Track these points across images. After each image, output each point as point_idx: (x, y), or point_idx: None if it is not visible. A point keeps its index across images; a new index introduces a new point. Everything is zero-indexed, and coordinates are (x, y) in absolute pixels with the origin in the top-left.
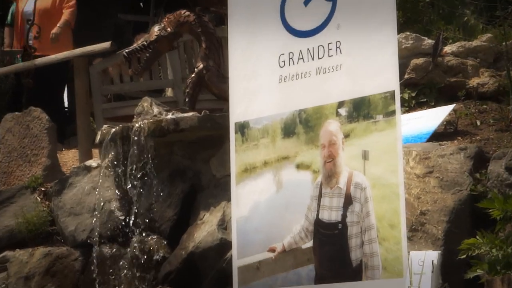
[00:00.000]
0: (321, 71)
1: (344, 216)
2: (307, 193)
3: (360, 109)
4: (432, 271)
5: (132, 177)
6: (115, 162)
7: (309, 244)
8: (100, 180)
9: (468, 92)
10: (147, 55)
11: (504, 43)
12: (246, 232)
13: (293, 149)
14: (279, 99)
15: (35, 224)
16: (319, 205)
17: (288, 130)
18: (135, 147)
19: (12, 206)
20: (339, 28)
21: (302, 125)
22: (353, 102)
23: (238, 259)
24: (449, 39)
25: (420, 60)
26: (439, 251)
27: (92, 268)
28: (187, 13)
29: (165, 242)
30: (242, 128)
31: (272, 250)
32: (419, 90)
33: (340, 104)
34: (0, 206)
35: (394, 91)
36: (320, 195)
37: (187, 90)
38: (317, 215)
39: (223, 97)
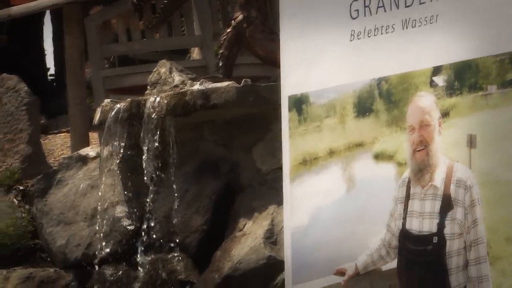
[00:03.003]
0: (409, 24)
1: (441, 225)
2: (389, 194)
3: (465, 78)
4: None
5: (145, 171)
6: (121, 151)
7: (392, 264)
8: (101, 176)
9: None
10: (165, 1)
11: None
12: (304, 248)
13: (370, 133)
14: (351, 64)
15: (11, 236)
16: (406, 210)
17: (363, 107)
18: (148, 130)
19: None
20: None
21: (383, 99)
22: (454, 68)
23: (294, 285)
24: None
25: None
26: None
27: None
28: None
29: (191, 262)
30: (299, 103)
31: (341, 273)
32: None
33: (436, 71)
34: None
35: None
36: (407, 197)
37: (221, 51)
38: (404, 224)
39: (271, 61)
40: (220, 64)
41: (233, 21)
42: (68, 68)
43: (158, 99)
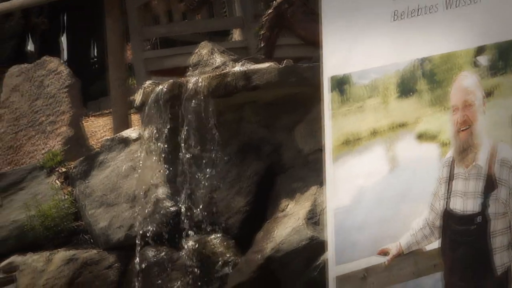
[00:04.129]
0: (453, 4)
1: (484, 205)
2: (432, 174)
3: (509, 58)
4: None
5: (186, 153)
6: (163, 133)
7: (436, 244)
8: (143, 157)
9: None
10: None
11: None
12: (347, 229)
13: (413, 113)
14: (393, 44)
15: (54, 218)
16: (449, 190)
17: (407, 87)
18: (190, 111)
19: (21, 194)
20: None
21: (426, 79)
22: (498, 48)
23: (336, 265)
24: None
25: None
26: None
27: (133, 278)
28: None
29: (233, 243)
30: (341, 84)
31: (385, 252)
32: None
33: (480, 50)
34: (4, 194)
35: None
36: (451, 177)
37: (262, 32)
38: (447, 204)
39: (313, 41)
40: (262, 45)
41: (274, 2)
42: (109, 50)
43: (199, 80)
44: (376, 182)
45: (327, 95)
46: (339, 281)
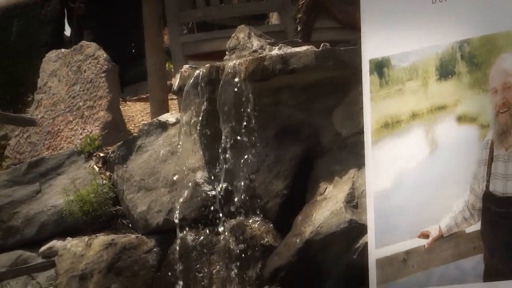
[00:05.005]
0: None
1: None
2: (472, 156)
3: None
4: None
5: (224, 137)
6: (201, 117)
7: (476, 226)
8: (181, 142)
9: None
10: None
11: None
12: (387, 212)
13: (453, 96)
14: (433, 26)
15: (92, 203)
16: (489, 173)
17: (446, 69)
18: (227, 95)
19: (60, 179)
20: None
21: (465, 61)
22: None
23: (377, 248)
24: None
25: None
26: None
27: (172, 262)
28: None
29: (272, 226)
30: (380, 67)
31: (425, 235)
32: None
33: None
34: (43, 179)
35: None
36: (491, 159)
37: (300, 15)
38: (487, 186)
39: (350, 24)
40: (299, 29)
41: None
42: (146, 35)
43: (237, 64)
44: (416, 165)
45: (366, 78)
46: (380, 264)
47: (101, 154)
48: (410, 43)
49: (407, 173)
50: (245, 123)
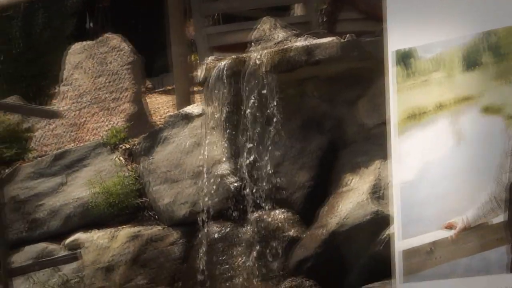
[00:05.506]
0: None
1: None
2: (498, 147)
3: None
4: None
5: (249, 128)
6: (226, 108)
7: (502, 217)
8: (206, 133)
9: None
10: None
11: None
12: (412, 203)
13: (478, 87)
14: (459, 17)
15: (118, 195)
16: None
17: (471, 60)
18: (252, 86)
19: (85, 171)
20: None
21: (491, 52)
22: None
23: (402, 240)
24: None
25: None
26: None
27: (198, 254)
28: None
29: (297, 218)
30: (406, 58)
31: (451, 226)
32: None
33: None
34: (68, 171)
35: None
36: None
37: (324, 6)
38: None
39: (375, 15)
40: (324, 20)
41: None
42: (171, 27)
43: (261, 55)
44: (441, 156)
45: (392, 69)
46: (405, 255)
47: (126, 146)
48: (435, 34)
49: (432, 164)
50: (269, 115)
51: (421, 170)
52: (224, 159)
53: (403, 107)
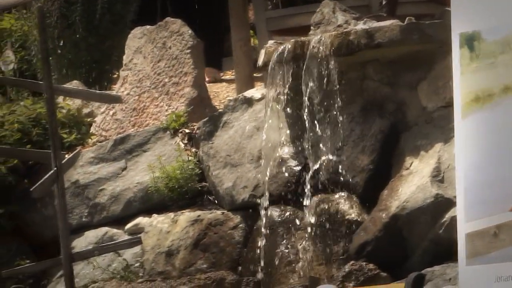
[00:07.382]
0: None
1: None
2: None
3: None
4: None
5: (310, 112)
6: (287, 92)
7: None
8: (267, 118)
9: None
10: None
11: None
12: (476, 186)
13: None
14: None
15: (178, 179)
16: None
17: None
18: (313, 70)
19: (146, 156)
20: None
21: None
22: None
23: (467, 222)
24: None
25: None
26: None
27: (259, 239)
28: None
29: (358, 202)
30: (471, 40)
31: None
32: None
33: None
34: (129, 156)
35: None
36: None
37: None
38: None
39: None
40: (384, 3)
41: None
42: (231, 11)
43: (322, 39)
44: (506, 139)
45: (456, 52)
46: (470, 237)
47: (187, 131)
48: (502, 17)
49: (497, 147)
50: (330, 98)
51: (486, 152)
52: (285, 143)
53: (468, 90)
